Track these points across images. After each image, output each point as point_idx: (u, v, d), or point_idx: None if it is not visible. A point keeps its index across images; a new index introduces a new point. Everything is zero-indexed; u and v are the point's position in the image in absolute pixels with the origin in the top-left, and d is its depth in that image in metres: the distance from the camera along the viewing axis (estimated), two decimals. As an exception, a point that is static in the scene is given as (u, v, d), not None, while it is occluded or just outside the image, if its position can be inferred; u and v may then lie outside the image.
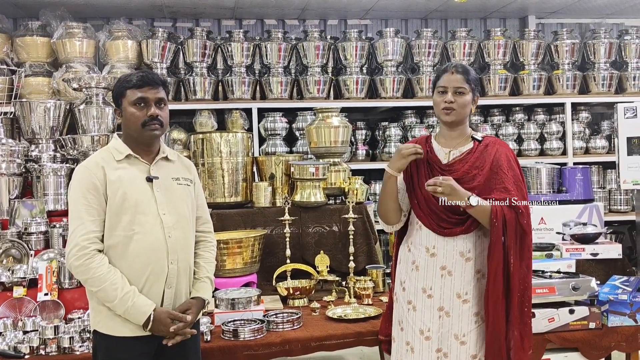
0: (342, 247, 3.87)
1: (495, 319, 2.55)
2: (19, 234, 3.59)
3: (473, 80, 2.70)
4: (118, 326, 2.28)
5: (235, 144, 4.01)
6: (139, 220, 2.30)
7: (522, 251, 2.60)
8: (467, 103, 2.66)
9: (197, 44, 5.35)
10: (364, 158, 5.71)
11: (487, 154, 2.67)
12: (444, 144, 2.75)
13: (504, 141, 2.85)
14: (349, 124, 4.35)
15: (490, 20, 6.53)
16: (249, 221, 3.93)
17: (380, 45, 5.60)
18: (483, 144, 2.69)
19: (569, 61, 5.90)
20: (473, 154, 2.68)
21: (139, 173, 2.37)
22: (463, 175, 2.66)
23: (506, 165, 2.64)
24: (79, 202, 2.27)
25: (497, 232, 2.56)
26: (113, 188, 2.29)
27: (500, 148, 2.68)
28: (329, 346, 2.88)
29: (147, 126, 2.35)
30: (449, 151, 2.73)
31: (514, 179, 2.63)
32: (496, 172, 2.63)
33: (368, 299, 3.43)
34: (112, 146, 2.41)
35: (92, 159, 2.39)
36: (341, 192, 4.16)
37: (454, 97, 2.63)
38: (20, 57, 5.17)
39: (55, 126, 4.23)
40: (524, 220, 2.58)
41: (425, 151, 2.72)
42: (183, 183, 2.47)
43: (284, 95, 5.47)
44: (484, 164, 2.65)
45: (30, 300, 3.17)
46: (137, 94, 2.34)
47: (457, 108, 2.63)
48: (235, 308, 3.12)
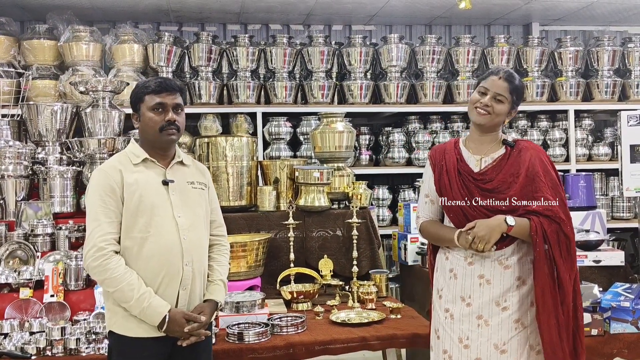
0: (346, 252, 3.89)
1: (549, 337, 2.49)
2: (25, 235, 3.61)
3: (516, 92, 2.61)
4: (133, 327, 2.31)
5: (240, 148, 4.03)
6: (155, 222, 2.34)
7: (570, 260, 2.53)
8: (503, 112, 2.59)
9: (202, 48, 5.38)
10: (367, 163, 5.74)
11: (521, 159, 2.58)
12: (475, 150, 2.66)
13: (537, 145, 2.72)
14: (353, 129, 4.37)
15: (494, 26, 6.56)
16: (253, 225, 3.95)
17: (384, 51, 5.63)
18: (516, 150, 2.61)
19: (572, 68, 5.92)
20: (507, 160, 2.60)
21: (156, 176, 2.42)
22: (498, 185, 2.59)
23: (542, 171, 2.55)
24: (97, 205, 2.32)
25: (539, 249, 2.50)
26: (130, 191, 2.33)
27: (534, 153, 2.59)
28: (333, 350, 2.89)
29: (165, 131, 2.40)
30: (480, 158, 2.64)
31: (552, 184, 2.55)
32: (532, 179, 2.55)
33: (371, 303, 3.44)
34: (129, 150, 2.46)
35: (110, 162, 2.44)
36: (345, 196, 4.19)
37: (491, 101, 2.58)
38: (28, 60, 5.21)
39: (62, 129, 4.26)
40: (567, 227, 2.52)
41: (455, 159, 2.66)
42: (198, 187, 2.52)
43: (289, 99, 5.49)
44: (519, 171, 2.56)
45: (37, 302, 3.19)
46: (155, 99, 2.40)
47: (492, 113, 2.58)
48: (240, 311, 3.14)
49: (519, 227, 2.51)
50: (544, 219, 2.51)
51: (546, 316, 2.49)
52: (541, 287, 2.50)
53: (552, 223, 2.51)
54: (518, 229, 2.51)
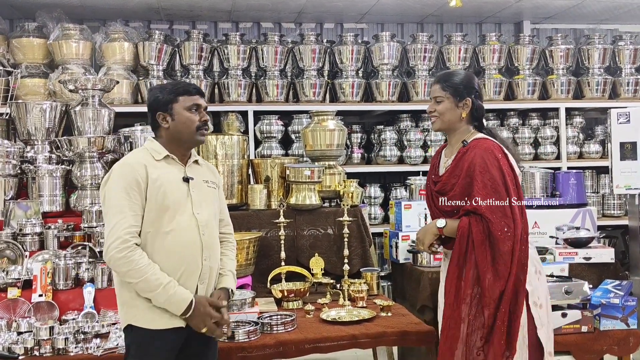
0: (337, 250, 3.89)
1: (446, 330, 2.59)
2: (13, 235, 3.58)
3: (452, 86, 2.70)
4: (156, 318, 2.34)
5: (230, 147, 4.02)
6: (177, 218, 2.39)
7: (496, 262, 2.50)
8: (446, 109, 2.69)
9: (193, 47, 5.36)
10: (359, 161, 5.73)
11: (464, 159, 2.63)
12: (447, 153, 2.78)
13: (492, 142, 2.65)
14: (344, 127, 4.36)
15: (486, 25, 6.56)
16: (244, 223, 3.93)
17: (376, 49, 5.63)
18: (465, 149, 2.66)
19: (563, 66, 5.93)
20: (457, 161, 2.67)
21: (177, 173, 2.48)
22: (442, 187, 2.70)
23: (479, 170, 2.56)
24: (121, 197, 2.33)
25: (456, 247, 2.59)
26: (155, 186, 2.37)
27: (478, 152, 2.59)
28: (323, 348, 2.88)
29: (200, 130, 2.50)
30: (446, 160, 2.76)
31: (490, 184, 2.53)
32: (471, 179, 2.58)
33: (362, 301, 3.44)
34: (150, 147, 2.50)
35: (133, 157, 2.47)
36: (336, 195, 4.18)
37: (434, 106, 2.73)
38: (17, 58, 5.18)
39: (51, 127, 4.22)
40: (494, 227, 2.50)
41: (433, 162, 2.84)
42: (212, 186, 2.60)
43: (280, 98, 5.48)
44: (461, 171, 2.62)
45: (25, 301, 3.16)
46: (192, 100, 2.48)
47: (439, 115, 2.72)
48: (230, 310, 3.10)
49: (450, 228, 2.63)
50: (474, 218, 2.55)
51: (448, 311, 2.58)
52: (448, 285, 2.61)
53: (479, 223, 2.54)
54: (449, 229, 2.64)
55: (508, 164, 2.62)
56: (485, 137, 2.70)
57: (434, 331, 3.00)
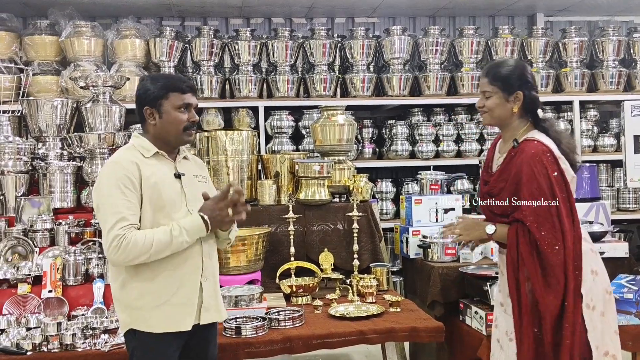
0: (347, 245, 3.87)
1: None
2: (24, 231, 3.61)
3: (500, 79, 2.56)
4: (162, 321, 2.30)
5: (240, 142, 4.01)
6: (173, 216, 2.34)
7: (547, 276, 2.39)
8: (495, 105, 2.57)
9: (204, 43, 5.37)
10: (370, 156, 5.70)
11: (512, 164, 2.51)
12: (501, 148, 2.66)
13: (542, 146, 2.47)
14: (354, 122, 4.34)
15: (499, 17, 6.49)
16: (253, 219, 3.92)
17: (387, 43, 5.59)
18: (515, 151, 2.52)
19: (577, 59, 5.85)
20: (507, 162, 2.54)
21: (168, 170, 2.42)
22: (491, 189, 2.59)
23: (526, 177, 2.43)
24: (116, 197, 2.25)
25: (511, 257, 2.48)
26: (148, 184, 2.31)
27: (525, 158, 2.45)
28: (331, 344, 2.86)
29: (187, 131, 2.42)
30: (499, 157, 2.63)
31: (532, 192, 2.41)
32: (518, 185, 2.46)
33: (371, 297, 3.42)
34: (138, 144, 2.42)
35: (122, 155, 2.38)
36: (346, 190, 4.15)
37: (482, 101, 2.62)
38: (29, 56, 5.21)
39: (62, 124, 4.25)
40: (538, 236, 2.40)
41: (488, 157, 2.74)
42: (202, 180, 2.55)
43: (291, 93, 5.47)
44: (509, 176, 2.50)
45: (35, 297, 3.18)
46: (183, 98, 2.39)
47: (488, 111, 2.60)
48: (238, 305, 3.13)
49: (500, 235, 2.56)
50: (521, 228, 2.45)
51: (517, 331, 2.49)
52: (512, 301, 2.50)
53: (527, 234, 2.43)
54: (498, 236, 2.56)
55: (558, 169, 2.46)
56: (535, 138, 2.52)
57: (442, 327, 2.97)
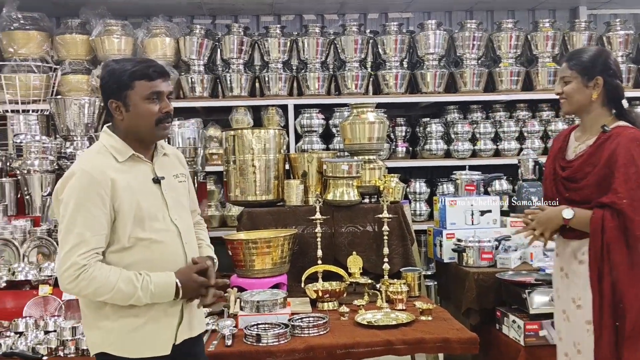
0: (377, 248, 3.71)
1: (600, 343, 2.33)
2: (49, 231, 3.57)
3: (582, 63, 2.50)
4: (138, 346, 2.05)
5: (267, 141, 3.89)
6: (155, 228, 2.11)
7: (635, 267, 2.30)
8: (573, 91, 2.51)
9: (233, 41, 5.28)
10: (403, 155, 5.52)
11: (604, 148, 2.40)
12: (579, 137, 2.59)
13: (638, 131, 2.44)
14: (385, 120, 4.18)
15: (539, 11, 6.22)
16: (280, 220, 3.81)
17: (421, 38, 5.40)
18: (606, 136, 2.43)
19: (622, 53, 5.55)
20: (595, 148, 2.44)
21: (145, 175, 2.15)
22: (572, 174, 2.48)
23: (623, 161, 2.32)
24: (80, 214, 1.99)
25: (592, 246, 2.34)
26: (123, 197, 2.05)
27: (623, 141, 2.37)
28: (356, 354, 2.70)
29: (162, 124, 2.13)
30: (577, 145, 2.57)
31: (628, 176, 2.30)
32: (611, 170, 2.35)
33: (401, 304, 3.25)
34: (110, 145, 2.13)
35: (91, 161, 2.09)
36: (376, 190, 3.99)
37: (561, 87, 2.56)
38: (60, 55, 5.21)
39: (90, 123, 4.23)
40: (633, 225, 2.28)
41: (558, 147, 2.64)
42: (182, 180, 2.30)
43: (321, 91, 5.33)
44: (599, 160, 2.40)
45: (56, 299, 3.13)
46: (150, 86, 2.08)
47: (567, 97, 2.54)
48: (261, 311, 3.00)
49: (579, 220, 2.38)
50: (609, 212, 2.30)
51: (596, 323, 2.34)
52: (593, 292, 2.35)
53: (615, 218, 2.29)
54: (577, 222, 2.39)
55: None
56: (629, 125, 2.46)
57: (477, 338, 2.78)
